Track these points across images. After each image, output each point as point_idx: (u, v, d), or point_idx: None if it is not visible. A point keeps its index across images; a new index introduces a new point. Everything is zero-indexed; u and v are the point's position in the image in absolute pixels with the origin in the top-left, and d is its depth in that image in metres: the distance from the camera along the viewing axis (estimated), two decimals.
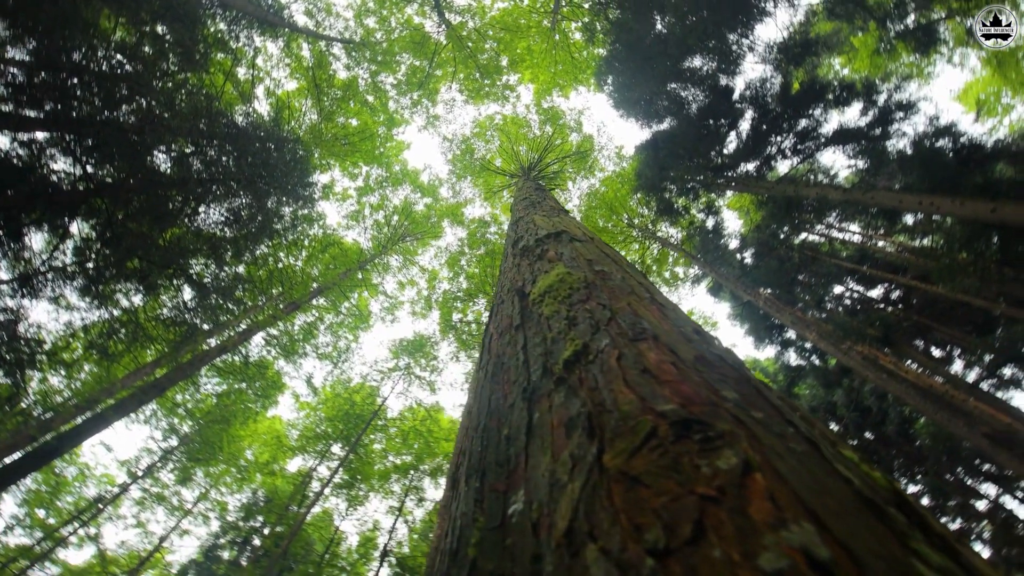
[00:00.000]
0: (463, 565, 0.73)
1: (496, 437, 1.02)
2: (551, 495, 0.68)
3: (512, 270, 2.21)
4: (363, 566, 18.41)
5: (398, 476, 18.83)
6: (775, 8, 9.70)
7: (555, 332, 1.20)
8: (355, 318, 19.51)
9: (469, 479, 0.97)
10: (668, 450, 0.60)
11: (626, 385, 0.80)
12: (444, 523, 0.96)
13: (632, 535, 0.50)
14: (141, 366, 13.62)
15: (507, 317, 1.63)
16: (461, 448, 1.21)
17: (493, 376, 1.35)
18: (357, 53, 16.92)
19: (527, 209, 3.89)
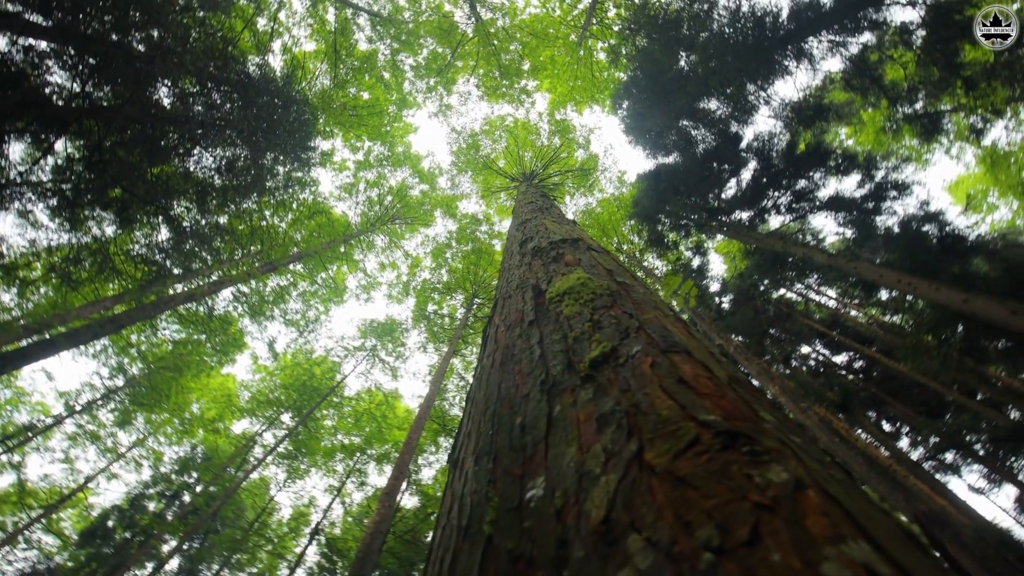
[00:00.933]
0: (477, 540, 0.75)
1: (508, 424, 1.04)
2: (580, 484, 0.69)
3: (521, 268, 2.22)
4: (291, 540, 18.05)
5: (344, 456, 18.54)
6: (796, 68, 9.96)
7: (577, 332, 1.22)
8: (329, 290, 19.23)
9: (480, 460, 1.00)
10: (715, 457, 0.61)
11: (663, 391, 0.82)
12: (448, 500, 0.96)
13: (681, 531, 0.51)
14: (101, 299, 13.18)
15: (517, 312, 1.65)
16: (467, 431, 1.22)
17: (503, 365, 1.38)
18: (382, 28, 16.78)
19: (534, 213, 3.90)
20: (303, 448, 17.62)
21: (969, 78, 7.82)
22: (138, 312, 10.51)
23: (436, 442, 18.83)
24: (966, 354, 8.67)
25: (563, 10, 17.52)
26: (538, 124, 20.75)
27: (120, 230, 10.34)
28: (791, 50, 9.46)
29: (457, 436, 1.39)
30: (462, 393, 19.28)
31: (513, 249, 3.03)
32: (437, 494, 18.64)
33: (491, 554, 0.69)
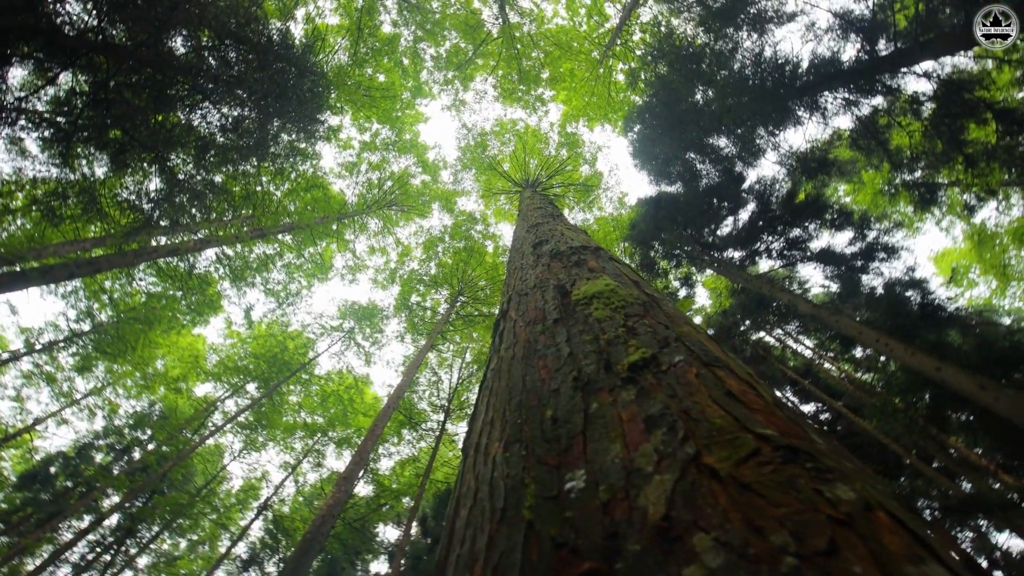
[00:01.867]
0: (516, 524, 0.77)
1: (538, 415, 1.07)
2: (629, 481, 0.70)
3: (538, 268, 2.25)
4: (237, 512, 17.69)
5: (304, 435, 18.27)
6: (808, 119, 10.18)
7: (610, 335, 1.24)
8: (315, 266, 19.00)
9: (510, 446, 1.02)
10: (779, 469, 0.62)
11: (713, 401, 0.84)
12: (471, 483, 0.97)
13: (753, 535, 0.52)
14: (81, 239, 12.86)
15: (537, 309, 1.68)
16: (487, 419, 1.24)
17: (525, 359, 1.42)
18: (408, 14, 16.74)
19: (546, 218, 3.94)
20: (264, 421, 17.31)
21: (970, 155, 8.09)
22: (118, 258, 10.26)
23: (400, 434, 18.67)
24: (930, 421, 8.90)
25: (589, 26, 17.69)
26: (548, 134, 20.85)
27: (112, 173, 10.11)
28: (806, 101, 9.67)
29: (472, 422, 1.40)
30: (433, 388, 19.17)
31: (524, 250, 3.06)
32: (393, 486, 18.45)
33: (533, 538, 0.70)
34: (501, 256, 20.63)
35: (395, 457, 19.40)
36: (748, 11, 10.73)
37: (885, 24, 7.94)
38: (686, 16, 13.24)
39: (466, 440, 1.34)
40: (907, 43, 7.66)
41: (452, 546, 0.89)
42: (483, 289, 19.98)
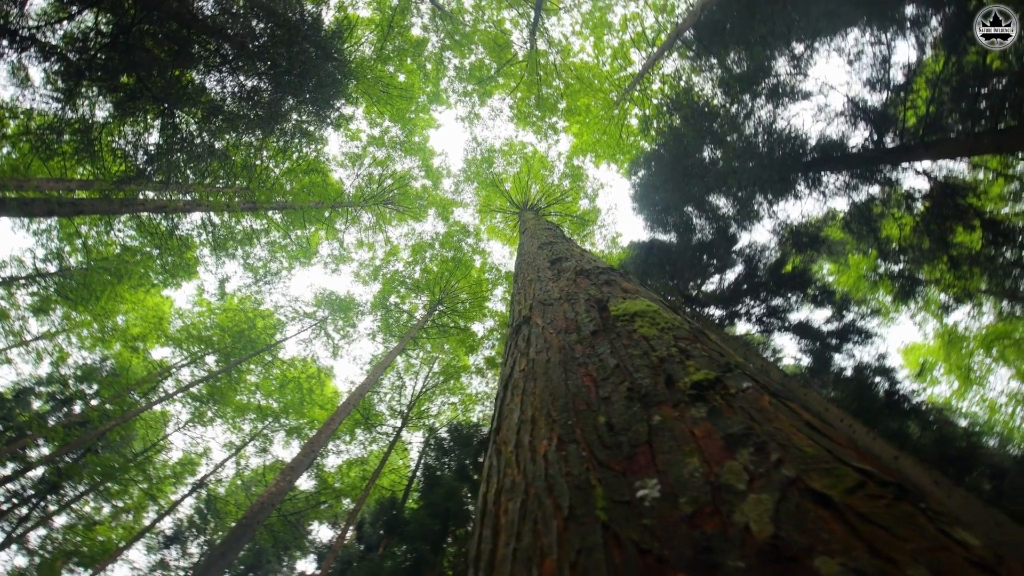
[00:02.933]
0: (590, 525, 0.77)
1: (589, 420, 1.10)
2: (717, 495, 0.70)
3: (560, 281, 2.28)
4: (170, 485, 16.95)
5: (256, 418, 17.71)
6: (807, 195, 10.53)
7: (662, 353, 1.27)
8: (300, 249, 18.71)
9: (566, 446, 1.03)
10: (893, 504, 0.62)
11: (796, 430, 0.84)
12: (515, 477, 0.97)
13: (887, 565, 0.52)
14: (67, 179, 12.47)
15: (569, 320, 1.72)
16: (525, 416, 1.24)
17: (563, 365, 1.45)
18: (440, 21, 16.96)
19: (558, 238, 4.00)
20: (217, 396, 16.74)
21: (954, 257, 8.44)
22: (102, 204, 9.96)
23: (353, 433, 18.24)
24: None
25: (612, 68, 18.15)
26: (555, 162, 21.15)
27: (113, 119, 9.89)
28: (808, 177, 10.01)
29: (501, 420, 1.39)
30: (396, 392, 18.85)
31: (539, 264, 3.09)
32: (336, 485, 17.94)
33: (612, 541, 0.69)
34: (487, 273, 20.64)
35: (344, 456, 18.93)
36: (767, 82, 11.15)
37: (895, 118, 8.32)
38: (707, 75, 13.69)
39: (496, 436, 1.33)
40: (912, 140, 8.02)
41: (501, 539, 0.86)
42: (463, 302, 19.90)
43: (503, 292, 20.89)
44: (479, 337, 20.13)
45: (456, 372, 19.76)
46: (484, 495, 1.14)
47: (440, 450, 16.78)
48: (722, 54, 12.46)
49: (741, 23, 10.71)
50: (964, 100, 6.91)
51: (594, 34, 17.59)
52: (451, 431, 17.25)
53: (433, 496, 14.28)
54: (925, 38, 8.07)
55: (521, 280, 3.08)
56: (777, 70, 10.99)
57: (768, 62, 11.05)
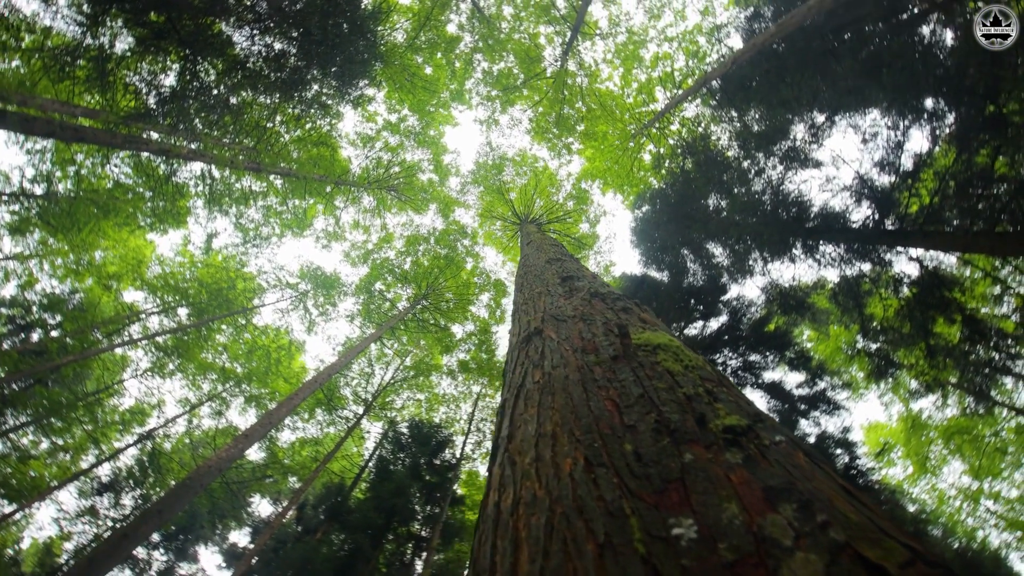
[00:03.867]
0: (629, 556, 0.77)
1: (615, 445, 1.10)
2: (761, 548, 0.72)
3: (573, 300, 2.30)
4: (116, 431, 16.50)
5: (217, 379, 17.37)
6: (802, 260, 10.70)
7: (689, 390, 1.29)
8: (295, 219, 18.50)
9: (595, 468, 1.04)
10: None
11: (836, 493, 0.84)
12: (534, 489, 1.00)
13: None
14: (73, 104, 12.25)
15: (587, 340, 1.77)
16: (548, 432, 1.26)
17: (583, 384, 1.47)
18: (477, 23, 17.06)
19: (565, 256, 4.03)
20: (182, 350, 16.39)
21: (932, 347, 8.62)
22: (104, 135, 9.78)
23: (313, 412, 17.97)
24: None
25: (635, 101, 18.39)
26: (563, 181, 21.30)
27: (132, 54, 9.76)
28: (806, 244, 10.17)
29: (513, 428, 1.40)
30: (364, 379, 18.64)
31: (548, 279, 3.11)
32: (286, 461, 17.63)
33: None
34: (477, 277, 20.61)
35: (299, 433, 18.63)
36: (783, 144, 11.36)
37: (898, 203, 8.51)
38: (726, 126, 13.92)
39: (508, 444, 1.34)
40: (911, 227, 8.21)
41: (524, 553, 0.86)
42: (448, 301, 19.82)
43: (489, 299, 20.87)
44: (457, 339, 20.05)
45: (428, 369, 19.63)
46: (497, 504, 1.13)
47: (397, 444, 16.59)
48: (743, 109, 12.69)
49: (768, 83, 10.93)
50: (967, 198, 7.10)
51: (624, 65, 17.83)
52: (411, 427, 17.10)
53: (382, 489, 14.10)
54: (940, 131, 8.29)
55: (528, 291, 3.10)
56: (794, 134, 11.21)
57: (787, 126, 11.28)
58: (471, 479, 20.06)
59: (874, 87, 8.26)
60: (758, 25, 12.21)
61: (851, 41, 10.19)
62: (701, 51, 16.46)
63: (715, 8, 16.15)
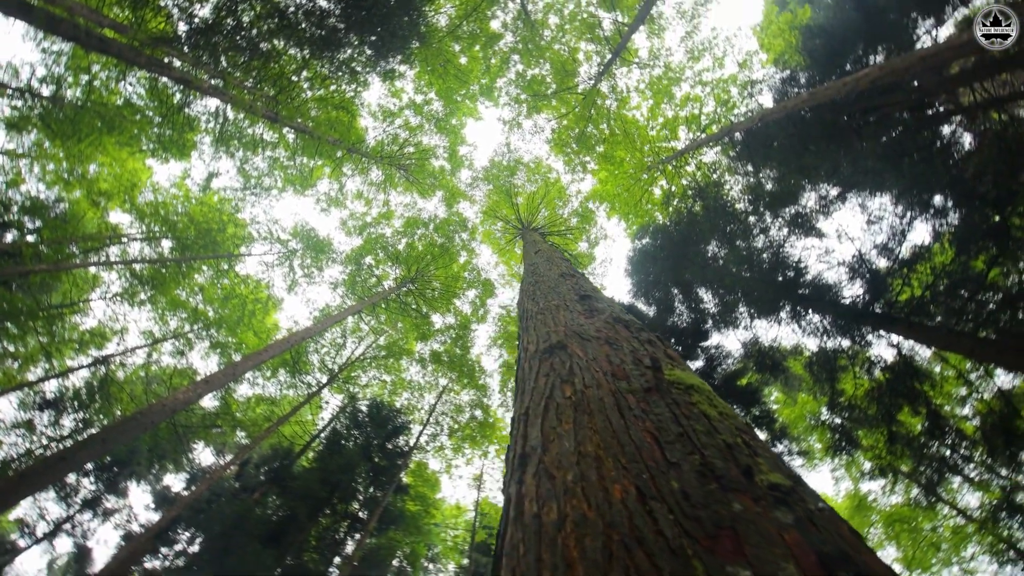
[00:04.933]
0: None
1: (664, 482, 1.11)
2: None
3: (595, 321, 2.32)
4: (71, 350, 16.08)
5: (187, 318, 17.04)
6: (787, 324, 10.88)
7: (728, 438, 1.29)
8: (299, 175, 18.28)
9: (648, 501, 1.05)
10: None
11: (884, 573, 0.87)
12: (581, 507, 1.02)
13: None
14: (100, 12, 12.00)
15: (615, 366, 1.82)
16: (592, 452, 1.30)
17: (619, 409, 1.49)
18: (521, 25, 17.11)
19: (578, 273, 4.03)
20: (158, 282, 16.04)
21: (893, 433, 8.82)
22: (127, 51, 9.58)
23: (276, 372, 17.73)
24: None
25: (657, 134, 18.57)
26: (571, 197, 21.41)
27: None
28: (795, 310, 10.35)
29: (545, 440, 1.40)
30: (334, 350, 18.45)
31: (563, 292, 3.13)
32: (238, 415, 17.34)
33: None
34: (467, 272, 20.57)
35: (257, 390, 18.35)
36: (791, 209, 11.56)
37: (889, 288, 8.70)
38: (739, 178, 14.13)
39: (543, 456, 1.34)
40: (898, 314, 8.40)
41: (577, 571, 0.88)
42: (434, 290, 19.75)
43: (475, 296, 20.84)
44: (435, 328, 19.97)
45: (399, 353, 19.51)
46: (538, 515, 1.14)
47: (354, 420, 16.44)
48: (761, 166, 12.89)
49: (790, 147, 11.13)
50: (956, 299, 7.29)
51: (654, 98, 18.01)
52: (371, 407, 16.96)
53: (330, 463, 13.94)
54: (943, 229, 8.51)
55: (544, 301, 3.09)
56: (805, 201, 11.42)
57: (799, 192, 11.49)
58: (419, 470, 19.95)
59: (892, 173, 8.46)
60: (791, 89, 12.44)
61: (876, 124, 10.43)
62: (731, 101, 16.71)
63: (753, 63, 16.42)
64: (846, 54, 10.98)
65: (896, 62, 8.17)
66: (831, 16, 11.07)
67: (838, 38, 10.72)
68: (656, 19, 16.50)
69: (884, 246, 8.91)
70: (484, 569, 21.45)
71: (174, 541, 15.11)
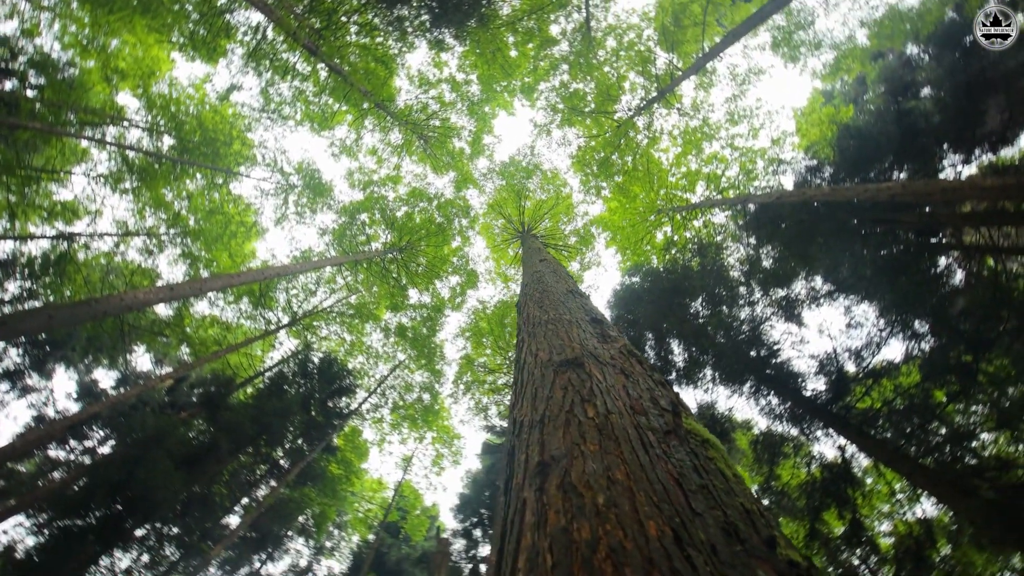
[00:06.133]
0: None
1: (694, 531, 1.12)
2: None
3: (608, 348, 2.32)
4: (38, 215, 15.46)
5: (166, 219, 16.57)
6: (748, 397, 11.08)
7: (746, 502, 1.31)
8: (320, 113, 17.96)
9: (683, 545, 1.07)
10: None
11: None
12: (620, 536, 1.05)
13: None
14: None
15: (634, 399, 1.87)
16: (621, 480, 1.34)
17: (643, 444, 1.51)
18: (579, 37, 17.15)
19: (585, 295, 4.06)
20: (147, 175, 15.55)
21: (814, 529, 9.07)
22: None
23: (240, 299, 17.38)
24: None
25: (676, 183, 18.81)
26: (576, 216, 21.53)
27: None
28: (758, 388, 10.55)
29: (571, 456, 1.42)
30: (304, 294, 18.17)
31: (573, 309, 3.16)
32: (188, 330, 16.92)
33: None
34: (455, 258, 20.48)
35: (215, 311, 17.94)
36: (780, 291, 11.80)
37: (850, 392, 8.94)
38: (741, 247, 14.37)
39: (569, 468, 1.35)
40: (852, 420, 8.64)
41: None
42: (419, 265, 19.62)
43: (456, 283, 20.77)
44: (409, 302, 19.82)
45: (367, 316, 19.30)
46: (567, 529, 1.15)
47: (303, 369, 16.19)
48: (764, 242, 13.14)
49: (797, 233, 11.38)
50: (909, 422, 7.53)
51: (683, 147, 18.25)
52: (324, 360, 16.73)
53: (267, 404, 13.70)
54: (915, 353, 8.79)
55: (553, 311, 3.10)
56: (795, 288, 11.67)
57: (793, 278, 11.74)
58: (352, 435, 19.73)
59: (884, 287, 8.72)
60: (814, 179, 12.72)
61: (882, 236, 10.73)
62: (754, 172, 17.03)
63: (785, 143, 16.77)
64: (873, 162, 11.29)
65: (918, 185, 8.43)
66: (871, 123, 11.38)
67: (871, 145, 11.01)
68: (708, 73, 16.72)
69: (857, 352, 9.16)
70: (387, 549, 21.33)
71: (86, 437, 14.65)
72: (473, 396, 20.81)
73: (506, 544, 1.40)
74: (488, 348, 21.30)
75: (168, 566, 13.60)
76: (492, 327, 20.98)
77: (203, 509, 13.54)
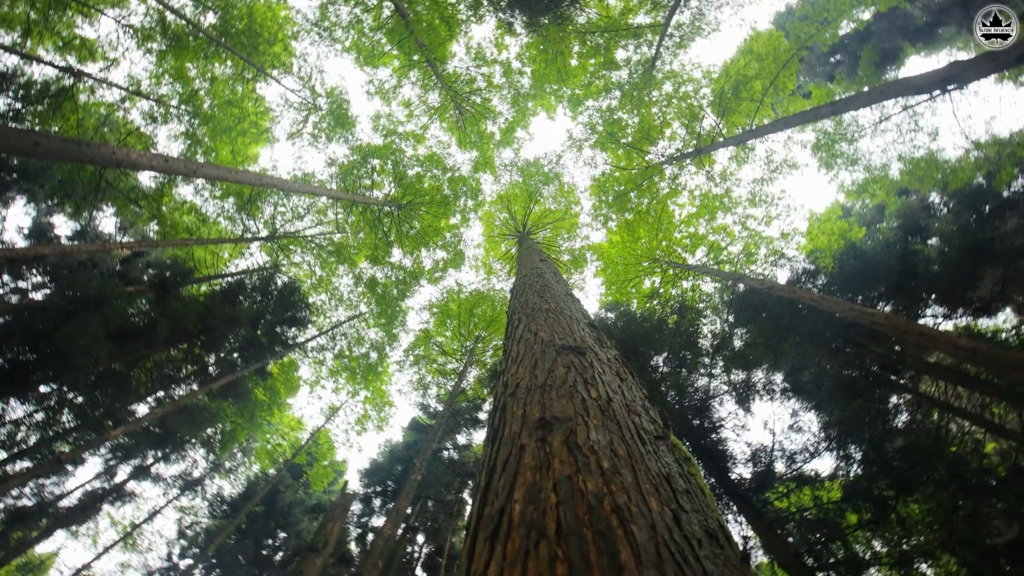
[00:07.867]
0: None
1: (684, 519, 1.20)
2: None
3: (609, 358, 2.32)
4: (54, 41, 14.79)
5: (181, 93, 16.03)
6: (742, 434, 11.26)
7: (720, 519, 1.41)
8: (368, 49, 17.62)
9: (682, 526, 1.15)
10: None
11: None
12: (621, 496, 1.11)
13: None
14: None
15: (630, 401, 1.86)
16: (620, 453, 1.37)
17: (641, 439, 1.53)
18: (641, 71, 17.27)
19: (578, 302, 4.09)
20: (179, 45, 15.00)
21: None
22: None
23: (225, 199, 16.96)
24: None
25: (679, 239, 19.12)
26: (576, 235, 21.70)
27: None
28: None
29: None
30: (292, 214, 17.82)
31: (573, 311, 3.15)
32: (164, 208, 16.41)
33: None
34: (449, 233, 20.37)
35: (199, 200, 17.43)
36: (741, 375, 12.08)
37: (774, 489, 9.19)
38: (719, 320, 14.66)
39: (571, 430, 1.37)
40: (767, 514, 8.88)
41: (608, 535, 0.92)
42: (412, 227, 19.48)
43: (442, 258, 20.69)
44: (388, 259, 19.65)
45: (344, 259, 19.04)
46: (571, 477, 1.20)
47: (264, 286, 15.87)
48: (740, 323, 13.46)
49: (774, 326, 11.67)
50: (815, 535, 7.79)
51: (699, 210, 18.57)
52: (287, 285, 16.44)
53: (218, 308, 13.39)
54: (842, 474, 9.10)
55: (553, 304, 3.12)
56: (755, 375, 11.97)
57: (756, 365, 12.03)
58: (288, 367, 19.41)
59: (836, 404, 9.01)
60: (807, 282, 13.07)
61: (849, 356, 11.09)
62: (755, 256, 17.42)
63: (792, 240, 17.22)
64: (866, 287, 11.68)
65: (900, 321, 8.75)
66: (877, 250, 11.77)
67: (870, 270, 11.39)
68: (747, 149, 17.05)
69: (791, 455, 9.44)
70: (284, 488, 21.01)
71: (23, 277, 14.06)
72: (419, 371, 20.71)
73: (495, 480, 1.44)
74: (449, 331, 21.23)
75: (60, 431, 13.13)
76: (461, 312, 20.92)
77: (117, 388, 13.11)
